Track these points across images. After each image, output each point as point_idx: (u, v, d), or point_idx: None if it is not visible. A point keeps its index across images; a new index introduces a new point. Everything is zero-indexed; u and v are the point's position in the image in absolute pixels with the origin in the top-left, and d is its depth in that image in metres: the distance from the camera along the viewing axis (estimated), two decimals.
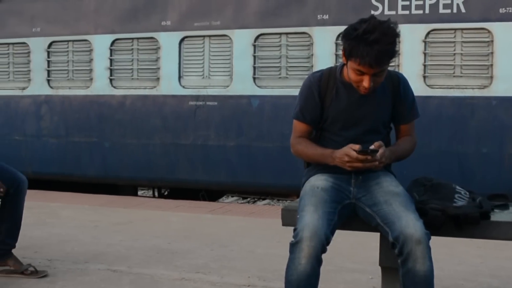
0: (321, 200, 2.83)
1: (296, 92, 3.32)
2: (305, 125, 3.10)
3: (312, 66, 7.49)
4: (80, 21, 8.72)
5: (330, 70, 3.10)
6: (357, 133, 3.01)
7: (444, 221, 2.83)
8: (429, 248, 2.62)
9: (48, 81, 8.98)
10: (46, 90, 8.98)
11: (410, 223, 2.65)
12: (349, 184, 2.98)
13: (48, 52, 8.96)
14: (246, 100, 7.85)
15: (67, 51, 8.87)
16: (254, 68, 7.81)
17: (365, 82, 2.81)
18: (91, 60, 8.70)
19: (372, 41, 2.69)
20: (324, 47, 7.47)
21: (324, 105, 3.05)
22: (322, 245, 2.65)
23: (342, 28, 3.00)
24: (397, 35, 2.78)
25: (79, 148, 8.80)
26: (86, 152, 8.76)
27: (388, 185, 2.92)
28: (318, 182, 2.98)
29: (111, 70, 8.57)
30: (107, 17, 8.57)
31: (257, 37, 7.79)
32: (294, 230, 2.74)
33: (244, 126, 7.89)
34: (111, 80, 8.58)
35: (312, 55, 7.56)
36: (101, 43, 8.59)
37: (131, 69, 8.50)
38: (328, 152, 2.94)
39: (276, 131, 7.69)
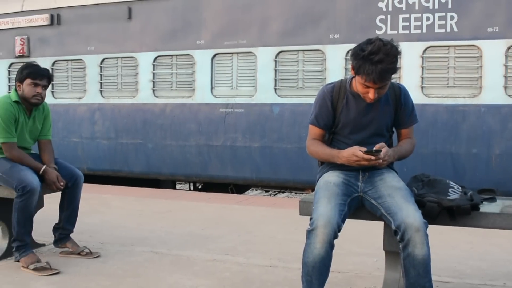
0: (333, 193, 2.84)
1: (311, 100, 3.32)
2: (319, 129, 3.11)
3: (325, 78, 7.46)
4: (127, 41, 8.79)
5: (341, 82, 3.10)
6: (364, 136, 3.02)
7: (440, 212, 2.81)
8: (426, 235, 2.61)
9: (101, 91, 9.05)
10: (99, 99, 9.06)
11: (410, 214, 2.65)
12: (357, 180, 2.98)
13: (101, 67, 9.03)
14: (268, 107, 7.84)
15: (117, 66, 8.94)
16: (275, 80, 7.80)
17: (371, 94, 2.84)
18: (136, 74, 8.75)
19: (376, 61, 2.71)
20: (335, 62, 7.43)
21: (336, 113, 3.06)
22: (335, 232, 2.66)
23: (351, 46, 3.00)
24: (398, 54, 2.79)
25: (126, 148, 8.86)
26: (132, 152, 8.82)
27: (391, 181, 2.92)
28: (330, 178, 2.98)
29: (153, 82, 8.61)
30: (150, 37, 8.62)
31: (278, 54, 7.78)
32: (310, 219, 2.73)
33: (267, 130, 7.88)
34: (153, 90, 8.62)
35: (325, 69, 7.52)
36: (145, 59, 8.65)
37: (171, 81, 8.54)
38: (335, 152, 2.96)
39: (294, 134, 7.68)
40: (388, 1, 7.18)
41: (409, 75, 7.07)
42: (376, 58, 2.71)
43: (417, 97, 6.90)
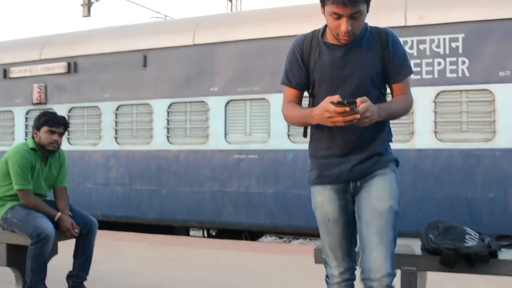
0: (338, 236, 2.60)
1: None
2: (292, 90, 2.69)
3: None
4: (142, 88, 8.91)
5: (313, 33, 2.64)
6: (344, 93, 2.43)
7: (457, 260, 2.76)
8: None
9: (116, 138, 9.13)
10: (114, 146, 9.13)
11: (378, 261, 2.39)
12: (347, 192, 2.61)
13: (116, 114, 9.14)
14: (282, 153, 7.85)
15: (132, 113, 9.04)
16: (288, 126, 7.83)
17: (343, 26, 2.38)
18: (151, 121, 8.83)
19: None
20: None
21: (309, 68, 2.61)
22: (350, 274, 2.60)
23: None
24: None
25: (140, 194, 8.87)
26: (146, 198, 8.83)
27: (377, 197, 2.50)
28: (325, 208, 2.62)
29: (168, 128, 8.69)
30: (165, 85, 8.74)
31: None
32: (325, 265, 2.69)
33: (280, 175, 7.87)
34: (168, 137, 8.68)
35: None
36: (160, 106, 8.74)
37: (185, 128, 8.60)
38: (309, 111, 2.47)
39: None
40: None
41: (422, 119, 7.07)
42: None
43: (430, 142, 6.89)
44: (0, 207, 4.23)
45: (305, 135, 2.76)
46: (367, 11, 2.43)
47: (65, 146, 9.51)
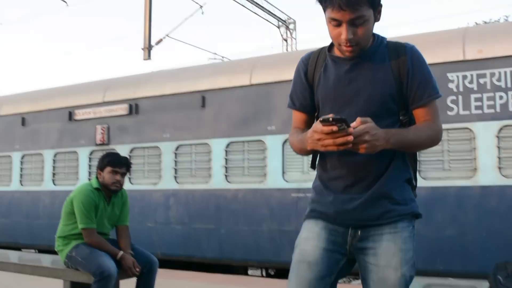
0: (306, 285, 2.15)
1: None
2: (298, 113, 2.36)
3: None
4: (201, 128, 9.05)
5: (321, 49, 2.32)
6: (349, 115, 2.01)
7: None
8: None
9: (175, 177, 9.27)
10: (173, 185, 9.26)
11: None
12: (345, 242, 2.18)
13: (176, 154, 9.30)
14: None
15: (191, 152, 9.17)
16: None
17: (343, 34, 2.04)
18: (210, 160, 8.93)
19: None
20: None
21: (313, 86, 2.28)
22: None
23: None
24: None
25: (199, 233, 8.92)
26: (205, 237, 8.86)
27: (386, 265, 2.09)
28: (307, 246, 2.20)
29: (226, 168, 8.76)
30: (223, 124, 8.85)
31: None
32: None
33: None
34: (226, 176, 8.74)
35: None
36: (218, 145, 8.84)
37: (243, 166, 8.65)
38: (304, 134, 2.11)
39: None
40: (459, 82, 7.12)
41: (485, 156, 6.86)
42: None
43: (495, 178, 6.66)
44: (65, 246, 4.34)
45: (312, 166, 2.40)
46: (377, 19, 2.12)
47: (126, 185, 9.72)
